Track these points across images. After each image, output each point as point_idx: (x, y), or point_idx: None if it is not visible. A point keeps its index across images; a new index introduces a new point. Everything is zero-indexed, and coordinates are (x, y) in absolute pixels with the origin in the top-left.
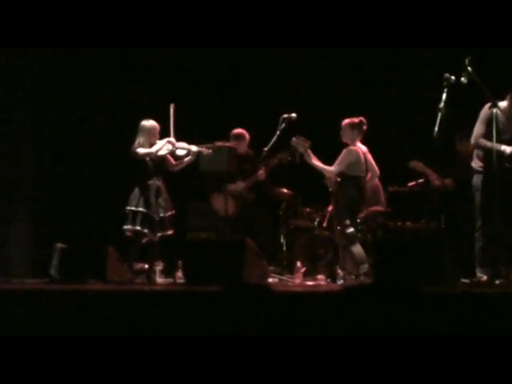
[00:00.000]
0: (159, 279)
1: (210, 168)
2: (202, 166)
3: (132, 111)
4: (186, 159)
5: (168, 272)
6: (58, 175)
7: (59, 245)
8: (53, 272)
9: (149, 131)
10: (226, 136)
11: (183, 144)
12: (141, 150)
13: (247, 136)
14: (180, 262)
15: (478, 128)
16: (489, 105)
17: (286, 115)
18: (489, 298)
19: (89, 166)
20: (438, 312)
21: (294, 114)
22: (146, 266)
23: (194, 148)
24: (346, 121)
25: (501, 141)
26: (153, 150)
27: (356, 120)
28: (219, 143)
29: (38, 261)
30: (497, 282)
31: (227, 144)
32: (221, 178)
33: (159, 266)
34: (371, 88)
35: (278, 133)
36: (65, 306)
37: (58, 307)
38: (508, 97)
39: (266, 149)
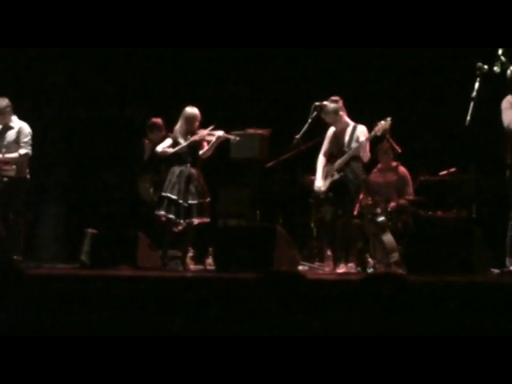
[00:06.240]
0: (190, 266)
1: (241, 155)
2: (232, 153)
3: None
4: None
5: (198, 259)
6: (88, 161)
7: (90, 230)
8: (83, 258)
9: (188, 118)
10: (254, 124)
11: (215, 131)
12: (158, 149)
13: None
14: (210, 249)
15: (509, 115)
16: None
17: (317, 103)
18: None
19: (121, 151)
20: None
21: (325, 102)
22: (179, 253)
23: (220, 133)
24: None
25: None
26: (170, 150)
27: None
28: (250, 130)
29: (69, 246)
30: None
31: (258, 131)
32: None
33: (189, 253)
34: (402, 78)
35: (309, 120)
36: (95, 292)
37: (87, 293)
38: None
39: (297, 136)
